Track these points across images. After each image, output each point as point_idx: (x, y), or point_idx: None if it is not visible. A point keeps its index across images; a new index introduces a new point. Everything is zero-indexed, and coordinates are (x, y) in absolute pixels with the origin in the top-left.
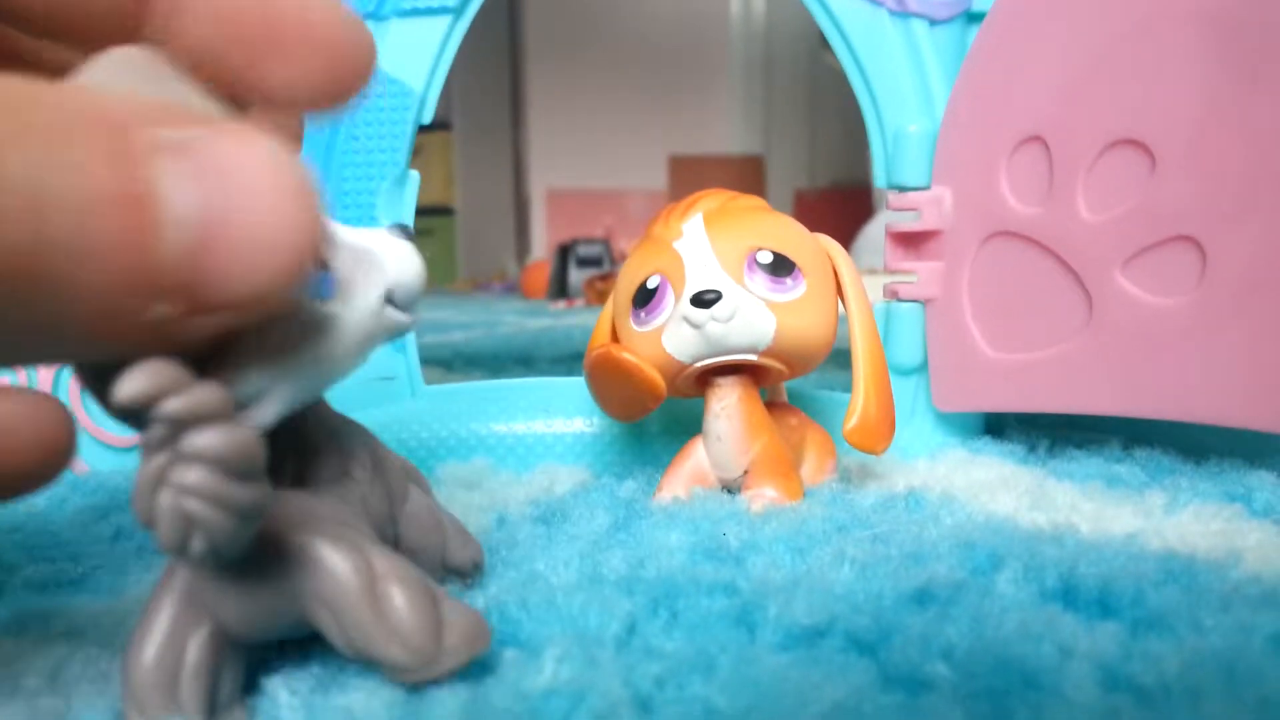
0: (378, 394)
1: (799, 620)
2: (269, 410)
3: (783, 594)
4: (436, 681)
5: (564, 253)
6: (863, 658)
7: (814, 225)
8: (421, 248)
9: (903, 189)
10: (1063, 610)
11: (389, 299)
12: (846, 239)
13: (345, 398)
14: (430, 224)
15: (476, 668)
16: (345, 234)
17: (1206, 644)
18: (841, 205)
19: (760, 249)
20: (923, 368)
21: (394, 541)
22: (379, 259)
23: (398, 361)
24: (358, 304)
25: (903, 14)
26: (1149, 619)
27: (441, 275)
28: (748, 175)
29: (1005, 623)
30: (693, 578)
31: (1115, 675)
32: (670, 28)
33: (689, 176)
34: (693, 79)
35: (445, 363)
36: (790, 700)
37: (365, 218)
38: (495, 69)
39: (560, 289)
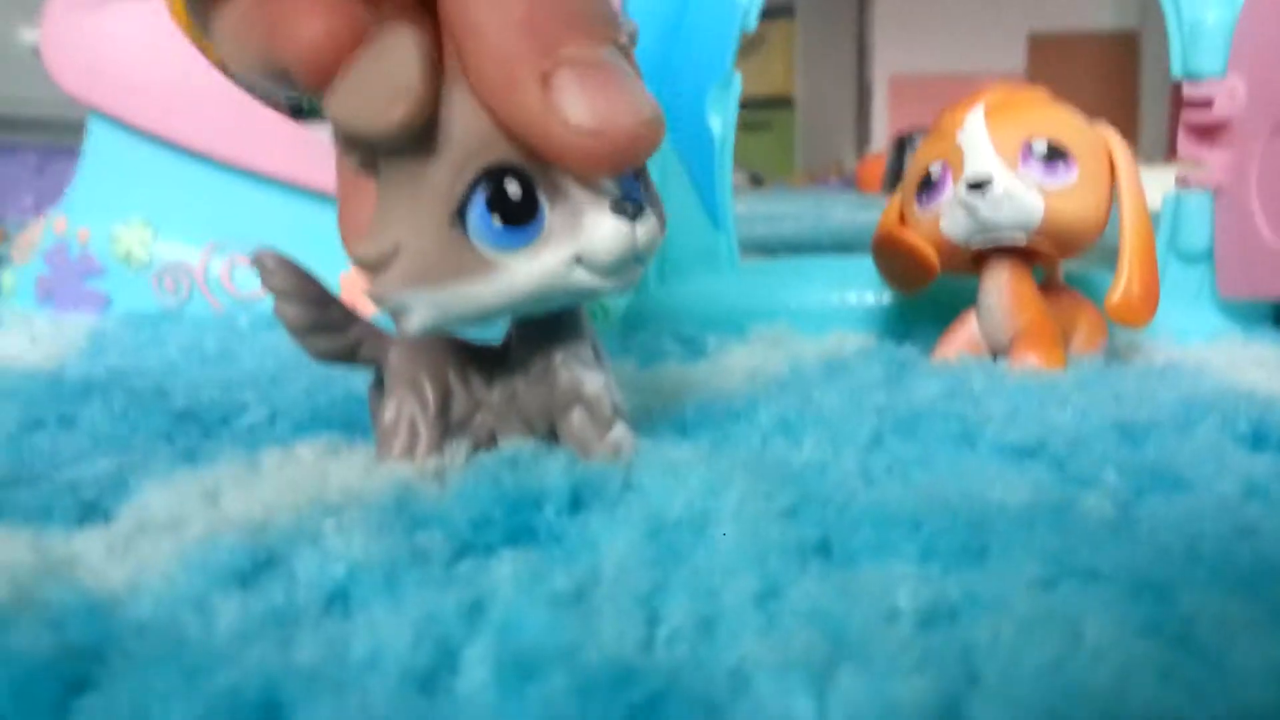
0: (702, 265)
1: (1010, 441)
2: (413, 321)
3: (1003, 423)
4: None
5: (901, 144)
6: (1051, 467)
7: None
8: (758, 142)
9: (1197, 78)
10: (1239, 446)
11: (579, 261)
12: None
13: (676, 266)
14: (769, 116)
15: (756, 443)
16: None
17: None
18: None
19: (1035, 138)
20: (1208, 255)
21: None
22: (583, 226)
23: (719, 239)
24: (542, 260)
25: None
26: None
27: (778, 169)
28: (1119, 54)
29: (1181, 449)
30: (934, 408)
31: (1259, 488)
32: None
33: (1051, 56)
34: None
35: (770, 249)
36: (982, 485)
37: (697, 117)
38: None
39: (896, 182)
